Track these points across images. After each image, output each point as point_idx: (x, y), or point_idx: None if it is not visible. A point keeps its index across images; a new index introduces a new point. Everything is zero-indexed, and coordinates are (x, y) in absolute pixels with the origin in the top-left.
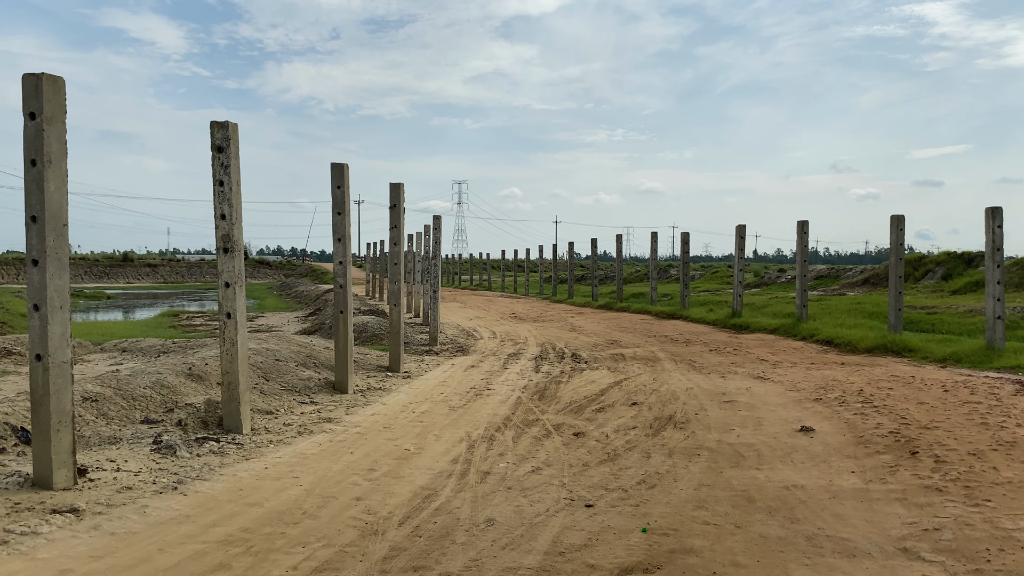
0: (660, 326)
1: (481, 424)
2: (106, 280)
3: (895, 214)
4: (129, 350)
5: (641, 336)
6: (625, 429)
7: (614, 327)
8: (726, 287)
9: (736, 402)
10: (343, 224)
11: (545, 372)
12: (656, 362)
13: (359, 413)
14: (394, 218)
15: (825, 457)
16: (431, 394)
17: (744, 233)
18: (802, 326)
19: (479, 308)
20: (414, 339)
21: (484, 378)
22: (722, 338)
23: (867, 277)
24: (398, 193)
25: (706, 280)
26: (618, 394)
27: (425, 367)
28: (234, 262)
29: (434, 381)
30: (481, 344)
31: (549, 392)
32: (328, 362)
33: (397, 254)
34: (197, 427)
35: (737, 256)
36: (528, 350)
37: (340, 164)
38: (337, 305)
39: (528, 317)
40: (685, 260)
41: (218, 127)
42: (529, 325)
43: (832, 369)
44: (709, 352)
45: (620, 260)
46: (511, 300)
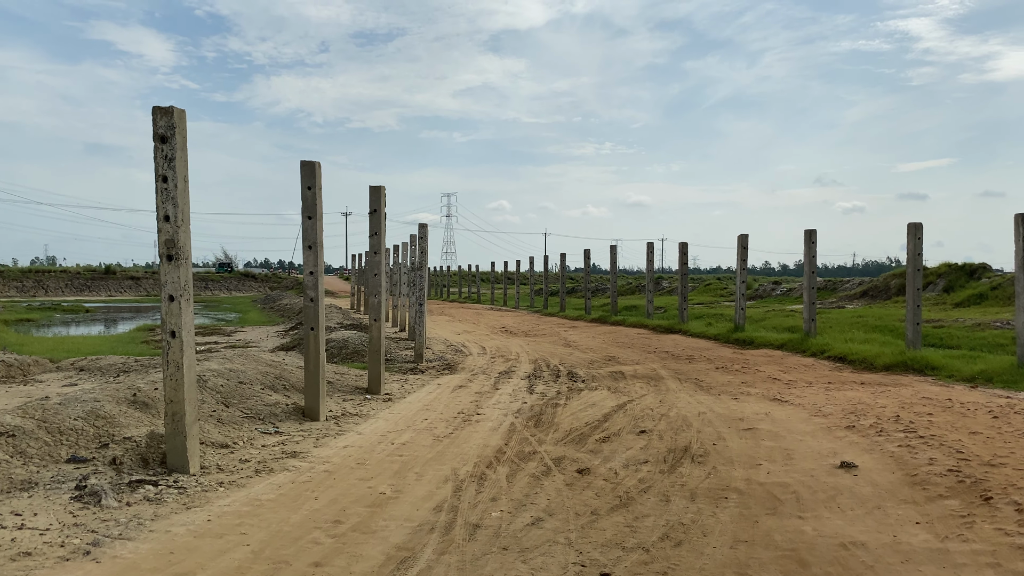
0: (659, 341)
1: (470, 458)
2: (88, 293)
3: (912, 222)
4: (87, 369)
5: (640, 352)
6: (636, 464)
7: (610, 342)
8: (720, 300)
9: (757, 430)
10: (314, 230)
11: (540, 393)
12: (659, 381)
13: (330, 445)
14: (374, 224)
15: (878, 502)
16: (414, 420)
17: (747, 243)
18: (811, 341)
19: (468, 322)
20: (398, 356)
21: (474, 400)
22: (726, 354)
23: (865, 290)
24: (379, 197)
25: (699, 293)
26: (623, 420)
27: (409, 388)
28: (179, 272)
29: (418, 405)
30: (470, 361)
31: (546, 417)
32: (300, 384)
33: (377, 264)
34: (135, 466)
35: (740, 267)
36: (521, 367)
37: (311, 162)
38: (307, 321)
39: (519, 331)
40: (684, 272)
41: (161, 114)
42: (521, 340)
43: (854, 390)
44: (715, 370)
45: (615, 272)
46: (501, 313)
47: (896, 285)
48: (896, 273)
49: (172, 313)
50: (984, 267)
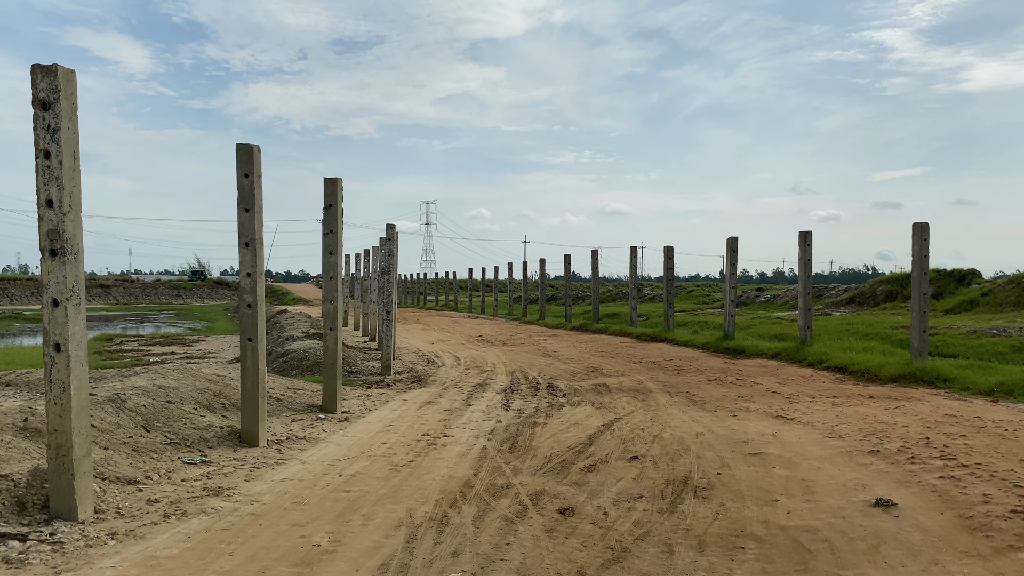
0: (644, 350)
1: (431, 494)
2: None
3: (918, 222)
4: (14, 384)
5: (625, 362)
6: (628, 500)
7: (593, 351)
8: (703, 307)
9: (766, 455)
10: (252, 224)
11: (517, 410)
12: (647, 395)
13: (264, 478)
14: (329, 221)
15: (934, 555)
16: (370, 445)
17: (736, 246)
18: (807, 350)
19: (443, 330)
20: (364, 367)
21: (442, 419)
22: (717, 364)
23: (852, 296)
24: (335, 190)
25: (681, 300)
26: (611, 442)
27: (371, 404)
28: (66, 269)
29: (378, 425)
30: (442, 373)
31: (523, 439)
32: None
33: (333, 266)
34: (10, 511)
35: (729, 272)
36: (496, 380)
37: (248, 146)
38: (245, 331)
39: (497, 340)
40: (669, 277)
41: (42, 74)
42: (498, 349)
43: (864, 405)
44: (708, 383)
45: (596, 278)
46: (478, 321)
47: (884, 292)
48: (883, 279)
49: (56, 321)
50: (974, 273)
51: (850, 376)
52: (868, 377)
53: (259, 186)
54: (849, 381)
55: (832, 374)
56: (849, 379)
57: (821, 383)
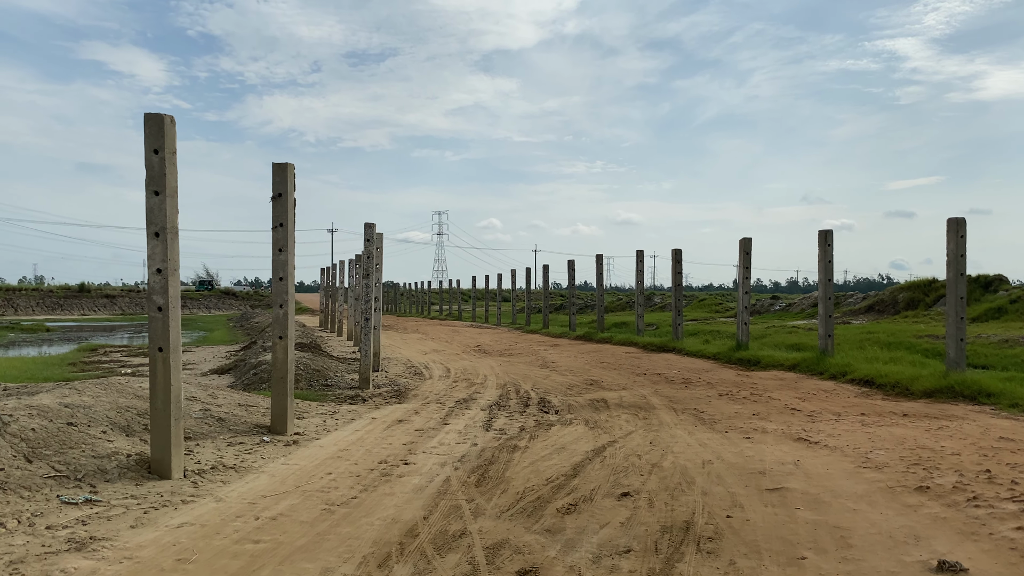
0: (650, 361)
1: (360, 547)
2: (60, 312)
3: (953, 217)
4: None
5: (628, 374)
6: (612, 555)
7: (594, 362)
8: (715, 315)
9: (787, 491)
10: (163, 210)
11: (499, 430)
12: (650, 412)
13: (158, 523)
14: (278, 212)
15: None
16: (311, 476)
17: (749, 248)
18: (828, 361)
19: (441, 340)
20: (342, 380)
21: (409, 442)
22: (730, 377)
23: (871, 304)
24: (284, 177)
25: (693, 309)
26: (600, 473)
27: (334, 423)
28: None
29: (331, 449)
30: (427, 386)
31: (496, 469)
32: None
33: (282, 264)
34: None
35: (742, 276)
36: (485, 394)
37: (158, 116)
38: (153, 340)
39: (494, 350)
40: (677, 283)
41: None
42: (493, 360)
43: (900, 425)
44: (718, 397)
45: (601, 285)
46: (480, 331)
47: (904, 299)
48: (904, 286)
49: None
50: (1000, 279)
51: (878, 390)
52: (899, 391)
53: (173, 164)
54: (877, 396)
55: (857, 388)
56: (877, 393)
57: (846, 398)
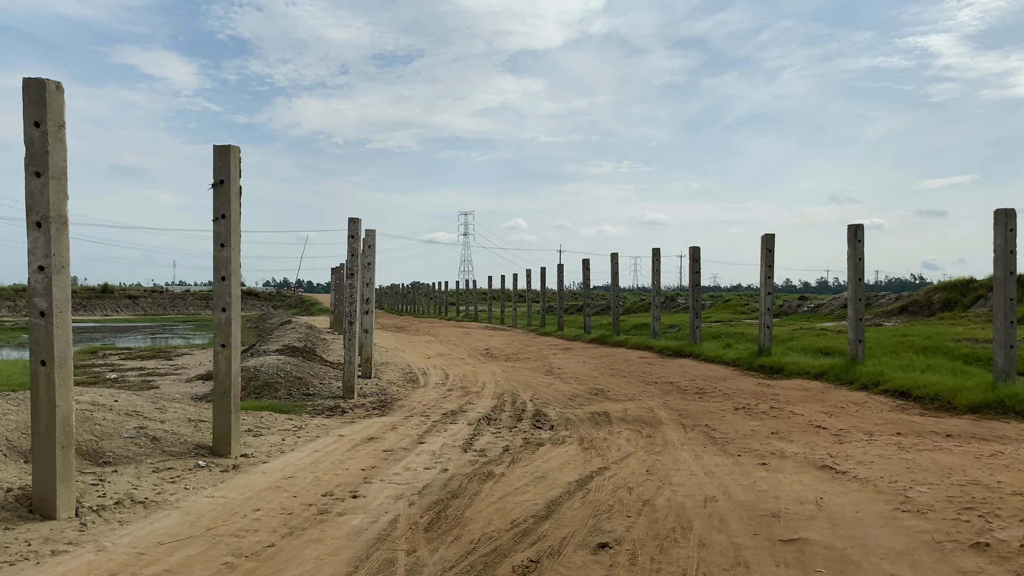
0: (664, 367)
1: None
2: (83, 312)
3: (1000, 208)
4: None
5: (637, 382)
6: None
7: (604, 369)
8: (740, 317)
9: (805, 543)
10: (44, 195)
11: (478, 451)
12: (655, 428)
13: None
14: (220, 202)
15: None
16: (232, 515)
17: (772, 245)
18: (859, 369)
19: (450, 343)
20: (325, 389)
21: (369, 467)
22: (749, 386)
23: (904, 305)
24: (227, 162)
25: (718, 310)
26: (579, 512)
27: (294, 441)
28: None
29: (275, 476)
30: (418, 395)
31: (457, 505)
32: (97, 443)
33: (225, 261)
34: None
35: (764, 276)
36: (478, 405)
37: (39, 81)
38: (35, 352)
39: (502, 354)
40: (695, 282)
41: None
42: (497, 365)
43: (945, 450)
44: (734, 412)
45: (616, 285)
46: (492, 333)
47: (940, 299)
48: (940, 286)
49: None
50: None
51: (915, 403)
52: (939, 405)
53: (60, 140)
54: (914, 410)
55: (891, 400)
56: (914, 407)
57: (879, 413)
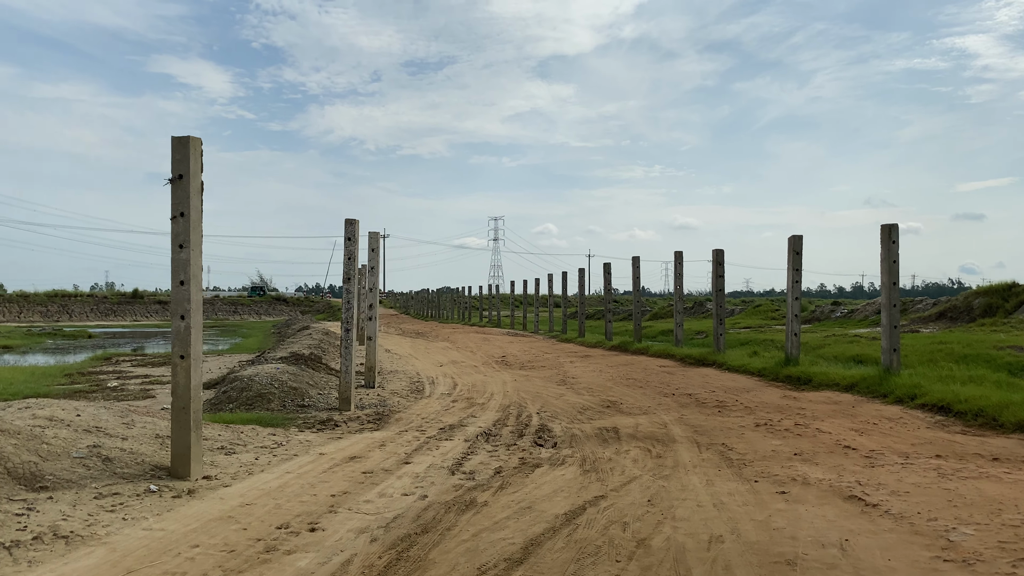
0: (684, 377)
1: None
2: (113, 318)
3: None
4: None
5: (654, 394)
6: None
7: (620, 379)
8: (771, 323)
9: None
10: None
11: (467, 473)
12: (667, 447)
13: None
14: (179, 199)
15: None
16: (164, 552)
17: (800, 247)
18: (893, 380)
19: (466, 350)
20: (322, 400)
21: (340, 492)
22: (773, 399)
23: (943, 310)
24: (186, 154)
25: (747, 315)
26: (560, 556)
27: (268, 460)
28: None
29: (229, 504)
30: (418, 408)
31: (424, 543)
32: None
33: (184, 265)
34: None
35: (792, 280)
36: (480, 418)
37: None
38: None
39: (517, 362)
40: (719, 287)
41: None
42: (509, 374)
43: (991, 478)
44: (755, 428)
45: (637, 291)
46: (512, 339)
47: (981, 305)
48: (981, 290)
49: None
50: None
51: (956, 419)
52: (983, 422)
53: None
54: (955, 427)
55: (929, 416)
56: (955, 424)
57: (915, 430)
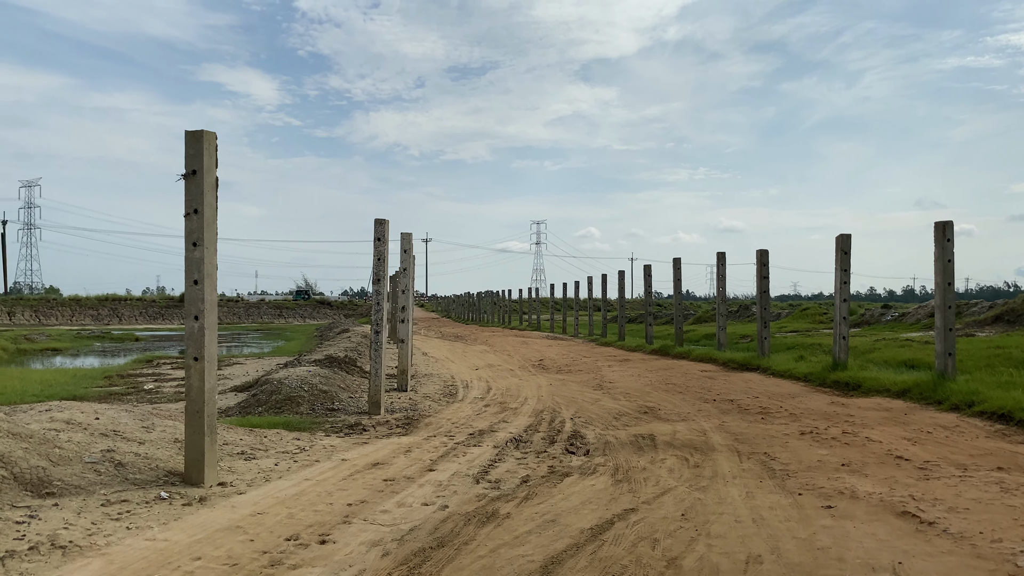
0: (726, 383)
1: None
2: (161, 321)
3: None
4: None
5: (694, 400)
6: None
7: (659, 384)
8: (818, 327)
9: None
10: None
11: (492, 482)
12: (706, 456)
13: None
14: (192, 195)
15: None
16: (164, 566)
17: (848, 246)
18: (949, 386)
19: (504, 353)
20: (352, 404)
21: (357, 502)
22: (820, 406)
23: (999, 313)
24: (200, 148)
25: (794, 319)
26: (586, 575)
27: (288, 465)
28: None
29: (240, 513)
30: (450, 411)
31: (438, 560)
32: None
33: (198, 264)
34: None
35: (839, 281)
36: (511, 424)
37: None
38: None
39: (554, 366)
40: (763, 289)
41: None
42: (546, 378)
43: None
44: (799, 437)
45: (678, 293)
46: (551, 343)
47: None
48: None
49: None
50: None
51: (1017, 428)
52: None
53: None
54: (1017, 437)
55: (988, 424)
56: (1017, 433)
57: (974, 440)
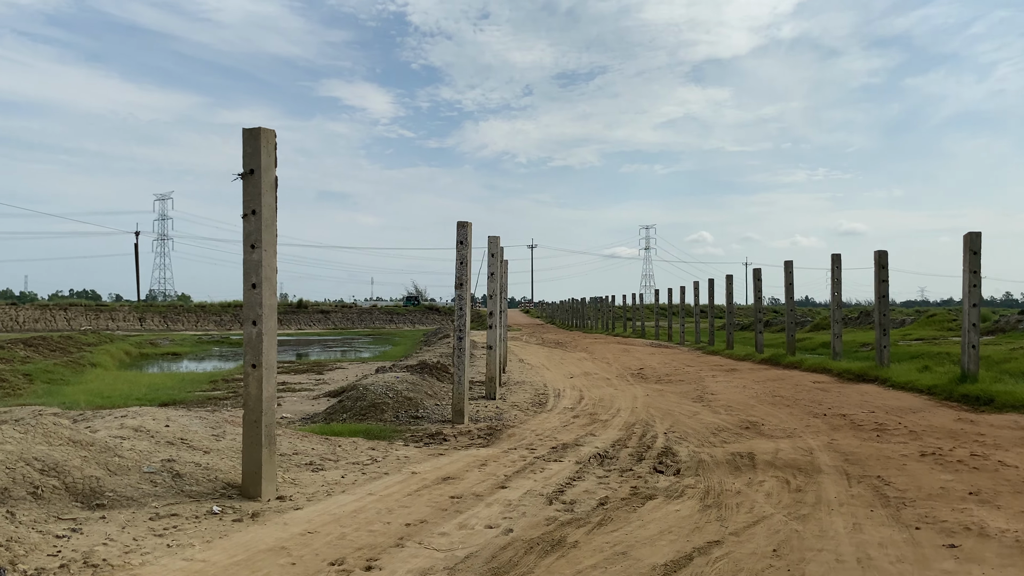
0: (840, 395)
1: None
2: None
3: None
4: None
5: (802, 415)
6: None
7: (765, 396)
8: (947, 334)
9: None
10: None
11: (565, 504)
12: (810, 479)
13: None
14: (251, 196)
15: None
16: None
17: (978, 246)
18: None
19: (603, 361)
20: (438, 411)
21: (416, 521)
22: (945, 423)
23: None
24: (257, 148)
25: (920, 326)
26: None
27: (355, 478)
28: None
29: (293, 531)
30: (537, 422)
31: None
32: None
33: (256, 266)
34: None
35: (968, 284)
36: (599, 437)
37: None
38: None
39: (653, 375)
40: (882, 293)
41: None
42: (642, 388)
43: None
44: (920, 459)
45: (791, 299)
46: (654, 351)
47: None
48: None
49: None
50: None
51: None
52: None
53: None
54: None
55: None
56: None
57: None
